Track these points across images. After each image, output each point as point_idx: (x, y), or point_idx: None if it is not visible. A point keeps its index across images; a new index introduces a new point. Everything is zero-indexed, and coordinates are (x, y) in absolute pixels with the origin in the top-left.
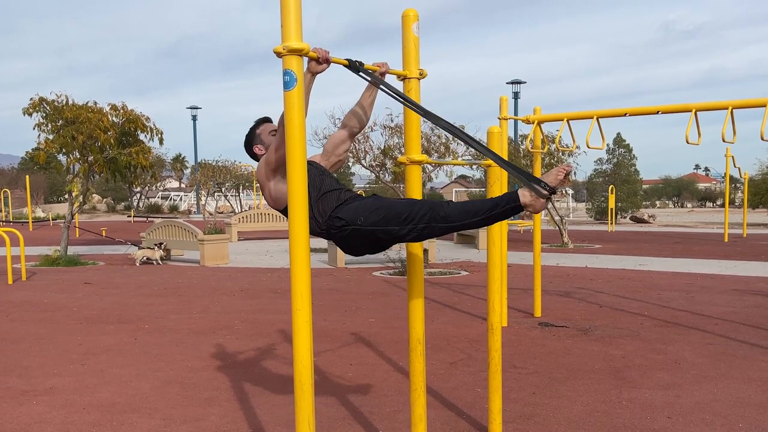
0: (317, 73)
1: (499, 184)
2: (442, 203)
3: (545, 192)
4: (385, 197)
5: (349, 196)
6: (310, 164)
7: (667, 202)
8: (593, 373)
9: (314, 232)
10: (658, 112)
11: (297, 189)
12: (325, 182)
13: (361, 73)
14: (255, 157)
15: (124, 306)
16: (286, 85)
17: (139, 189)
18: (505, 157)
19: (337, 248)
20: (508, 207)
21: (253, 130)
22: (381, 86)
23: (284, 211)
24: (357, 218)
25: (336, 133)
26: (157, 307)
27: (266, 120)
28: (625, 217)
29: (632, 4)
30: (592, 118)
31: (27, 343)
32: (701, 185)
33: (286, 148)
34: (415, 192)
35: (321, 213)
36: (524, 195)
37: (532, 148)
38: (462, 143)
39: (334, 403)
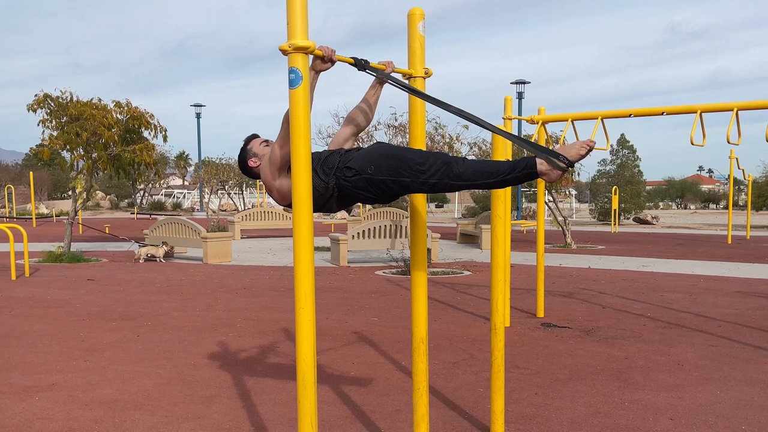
0: (321, 71)
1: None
2: (457, 159)
3: (563, 165)
4: (393, 144)
5: (352, 148)
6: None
7: (670, 203)
8: (596, 374)
9: (319, 197)
10: (663, 113)
11: (302, 186)
12: (326, 152)
13: (367, 70)
14: (250, 172)
15: (127, 303)
16: (292, 83)
17: (142, 186)
18: (509, 156)
19: (340, 247)
20: (524, 173)
21: (243, 148)
22: (389, 80)
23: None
24: (367, 167)
25: (340, 131)
26: (159, 305)
27: (254, 136)
28: (628, 218)
29: (639, 5)
30: (597, 118)
31: (30, 339)
32: (705, 187)
33: (292, 146)
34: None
35: (326, 172)
36: (542, 163)
37: None
38: (465, 143)
39: (336, 401)
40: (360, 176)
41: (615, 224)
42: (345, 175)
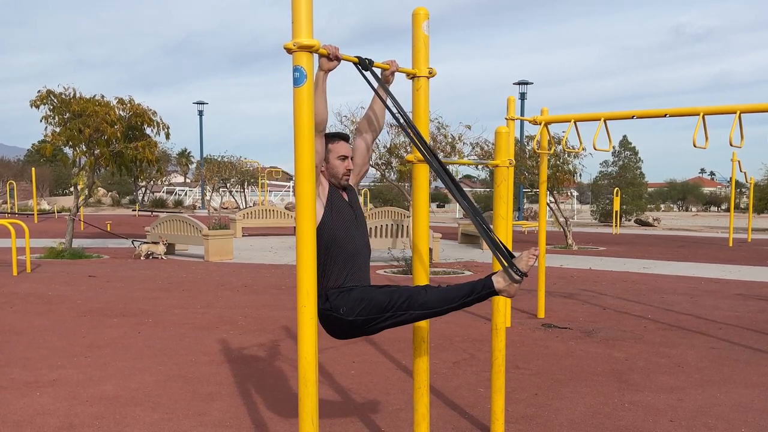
0: (329, 70)
1: (505, 185)
2: (419, 290)
3: (518, 278)
4: (371, 288)
5: (352, 285)
6: (351, 191)
7: (671, 205)
8: (596, 375)
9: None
10: (665, 115)
11: (305, 186)
12: (358, 248)
13: (367, 75)
14: None
15: (128, 299)
16: (296, 82)
17: (144, 183)
18: (511, 156)
19: None
20: (483, 293)
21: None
22: (385, 102)
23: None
24: (340, 307)
25: (356, 144)
26: (161, 302)
27: (342, 137)
28: (629, 220)
29: (643, 7)
30: (600, 120)
31: (31, 335)
32: (706, 189)
33: (295, 144)
34: (422, 190)
35: (332, 276)
36: (498, 281)
37: (538, 149)
38: (467, 144)
39: (336, 400)
40: (332, 313)
41: (616, 226)
42: (320, 303)
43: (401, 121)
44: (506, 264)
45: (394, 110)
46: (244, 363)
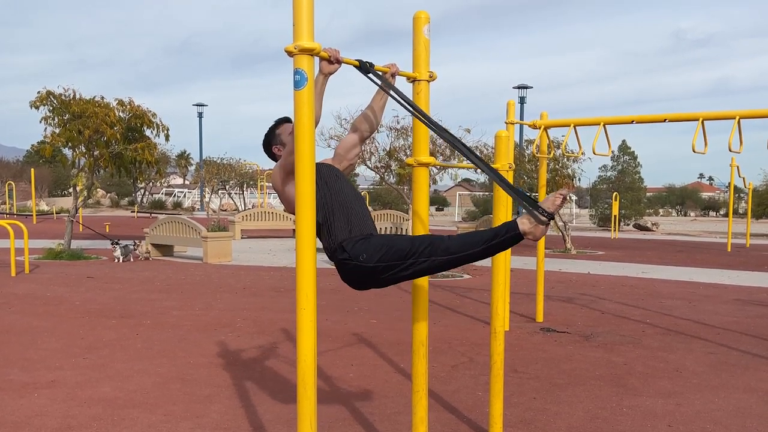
0: (330, 74)
1: None
2: (442, 237)
3: (544, 219)
4: (383, 235)
5: (366, 233)
6: (327, 166)
7: (670, 210)
8: (594, 379)
9: (323, 245)
10: (665, 120)
11: (305, 188)
12: (350, 198)
13: (370, 75)
14: (274, 157)
15: (127, 301)
16: (297, 85)
17: (143, 185)
18: (511, 160)
19: None
20: (507, 236)
21: (272, 129)
22: (390, 92)
23: None
24: (360, 254)
25: (347, 137)
26: (159, 303)
27: (286, 120)
28: (628, 225)
29: (644, 12)
30: (599, 124)
31: (29, 336)
32: (705, 194)
33: (296, 147)
34: (422, 193)
35: (339, 229)
36: (523, 223)
37: (537, 153)
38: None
39: (334, 403)
40: (352, 262)
41: (615, 230)
42: (338, 255)
43: (409, 108)
44: (530, 206)
45: (400, 100)
46: (243, 365)
